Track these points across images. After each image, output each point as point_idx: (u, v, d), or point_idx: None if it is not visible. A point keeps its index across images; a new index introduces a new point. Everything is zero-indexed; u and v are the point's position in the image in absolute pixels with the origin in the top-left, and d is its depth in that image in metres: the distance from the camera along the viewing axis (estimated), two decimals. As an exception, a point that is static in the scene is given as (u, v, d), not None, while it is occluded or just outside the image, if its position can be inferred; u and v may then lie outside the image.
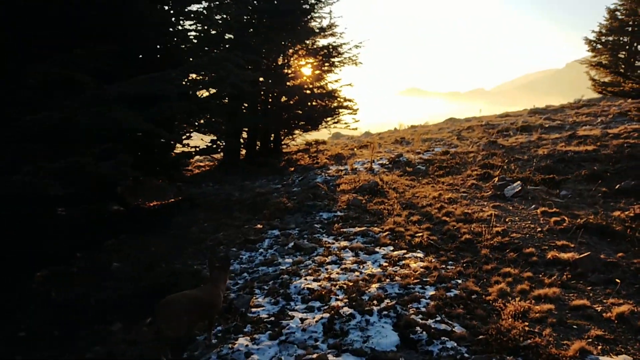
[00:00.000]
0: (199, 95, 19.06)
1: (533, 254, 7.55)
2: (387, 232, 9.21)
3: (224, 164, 20.04)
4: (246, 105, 20.76)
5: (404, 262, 7.71)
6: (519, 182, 11.16)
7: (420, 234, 8.84)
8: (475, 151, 16.34)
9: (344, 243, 8.89)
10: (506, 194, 10.69)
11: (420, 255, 8.00)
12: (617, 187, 10.79)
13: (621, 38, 25.45)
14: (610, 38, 25.86)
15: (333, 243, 8.98)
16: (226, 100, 19.76)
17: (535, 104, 30.54)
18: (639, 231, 8.14)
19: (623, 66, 25.85)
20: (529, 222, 9.07)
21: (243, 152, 21.57)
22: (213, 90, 20.04)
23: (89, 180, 7.89)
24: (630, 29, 25.09)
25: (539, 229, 8.64)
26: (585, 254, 7.19)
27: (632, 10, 24.84)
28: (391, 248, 8.47)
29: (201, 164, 21.80)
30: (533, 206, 9.97)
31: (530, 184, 11.61)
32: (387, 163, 16.35)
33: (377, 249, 8.44)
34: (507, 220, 9.21)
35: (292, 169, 18.29)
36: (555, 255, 7.38)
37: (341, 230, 9.71)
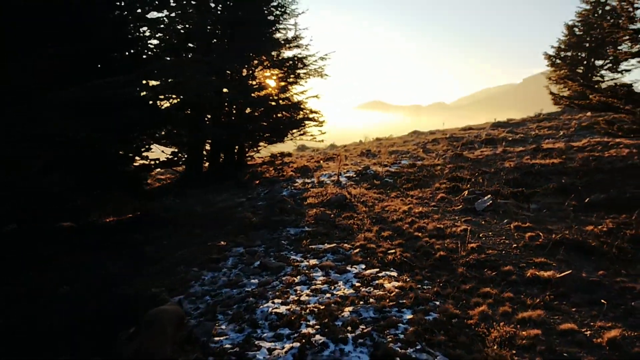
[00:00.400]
0: (160, 106, 18.37)
1: (512, 272, 7.12)
2: (358, 249, 8.67)
3: (186, 177, 19.24)
4: (209, 116, 20.08)
5: (377, 281, 7.18)
6: (489, 195, 10.83)
7: (392, 251, 8.33)
8: (441, 164, 16.05)
9: (313, 261, 8.30)
10: (477, 208, 10.33)
11: (394, 274, 7.47)
12: (586, 200, 10.54)
13: (579, 53, 25.79)
14: (569, 53, 26.18)
15: (302, 261, 8.38)
16: (188, 111, 19.06)
17: (495, 117, 30.76)
18: (615, 247, 7.82)
19: (581, 81, 26.13)
20: (504, 237, 8.69)
21: (206, 164, 20.83)
22: (175, 101, 19.39)
23: (34, 195, 7.12)
24: (587, 44, 25.42)
25: (515, 245, 8.25)
26: (567, 272, 6.82)
27: (589, 25, 25.21)
28: (363, 266, 7.92)
29: (162, 177, 20.93)
30: (505, 220, 9.61)
31: (500, 197, 11.29)
32: (354, 176, 15.90)
33: (348, 267, 7.87)
34: (481, 235, 8.80)
35: (257, 182, 17.65)
36: (534, 274, 6.97)
37: (310, 247, 9.13)
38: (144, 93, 15.57)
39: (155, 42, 17.84)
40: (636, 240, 8.07)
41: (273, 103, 19.38)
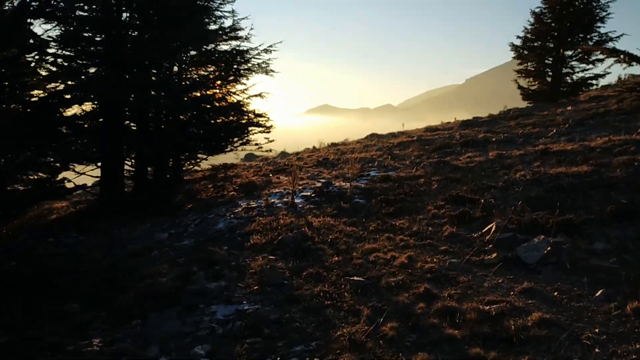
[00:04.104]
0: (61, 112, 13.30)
1: None
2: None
3: (101, 201, 14.16)
4: (132, 124, 15.07)
5: None
6: (541, 237, 6.27)
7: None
8: (423, 175, 11.63)
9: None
10: (525, 259, 5.85)
11: None
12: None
13: (548, 43, 22.03)
14: (537, 43, 22.38)
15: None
16: (98, 120, 14.01)
17: (442, 118, 26.81)
18: None
19: (550, 73, 22.44)
20: (623, 330, 4.24)
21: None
22: (87, 107, 14.30)
23: None
24: (556, 33, 21.68)
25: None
26: None
27: (557, 13, 21.46)
28: None
29: (80, 199, 15.57)
30: (597, 289, 5.07)
31: (541, 231, 6.89)
32: (313, 195, 11.30)
33: None
34: (580, 335, 4.28)
35: (190, 205, 12.81)
36: None
37: (249, 362, 4.48)
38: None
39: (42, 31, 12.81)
40: None
41: (208, 105, 14.49)
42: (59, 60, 13.29)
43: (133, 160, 15.44)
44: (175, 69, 16.60)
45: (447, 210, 8.42)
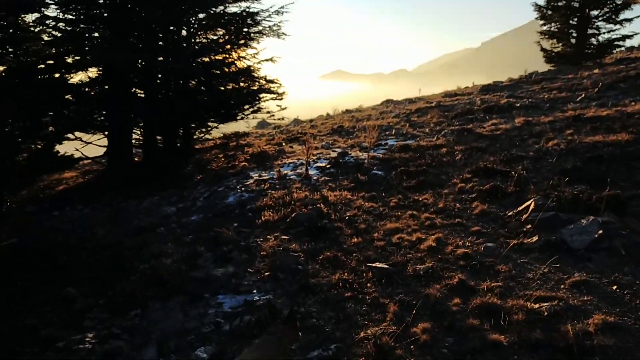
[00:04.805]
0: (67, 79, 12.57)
1: None
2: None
3: (108, 172, 13.52)
4: (141, 92, 14.28)
5: None
6: (590, 217, 5.41)
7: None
8: (445, 144, 10.79)
9: None
10: (571, 244, 5.06)
11: None
12: None
13: (573, 3, 20.58)
14: (561, 3, 20.93)
15: None
16: (105, 87, 13.25)
17: (458, 83, 25.57)
18: None
19: (575, 34, 21.09)
20: None
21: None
22: (92, 74, 13.53)
23: None
24: (583, -9, 20.23)
25: None
26: None
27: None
28: None
29: (71, 175, 14.90)
30: None
31: (580, 207, 6.09)
32: (329, 166, 10.55)
33: None
34: None
35: (200, 176, 12.13)
36: None
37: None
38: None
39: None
40: None
41: (217, 71, 13.61)
42: (61, 24, 12.47)
43: (142, 130, 14.74)
44: (184, 33, 15.69)
45: (475, 184, 7.61)
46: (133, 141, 14.65)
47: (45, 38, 12.40)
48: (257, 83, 14.56)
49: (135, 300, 5.35)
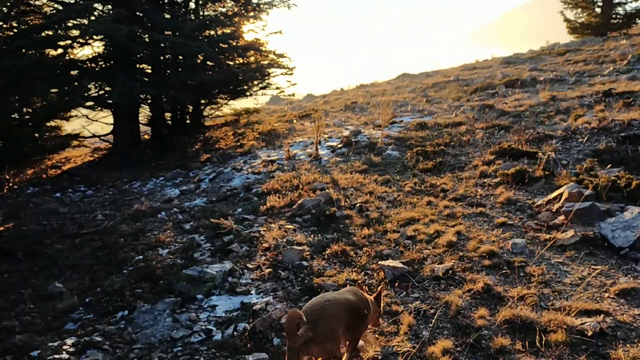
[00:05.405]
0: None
1: None
2: None
3: (115, 151, 12.99)
4: (148, 68, 13.63)
5: None
6: (635, 209, 4.60)
7: None
8: (465, 121, 10.02)
9: None
10: (613, 241, 4.34)
11: None
12: None
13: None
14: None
15: None
16: (110, 63, 12.61)
17: (477, 57, 24.40)
18: None
19: (600, 3, 19.82)
20: None
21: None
22: (99, 49, 12.91)
23: None
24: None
25: None
26: None
27: None
28: None
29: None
30: None
31: (618, 194, 5.35)
32: (340, 145, 9.89)
33: None
34: None
35: (207, 156, 11.54)
36: None
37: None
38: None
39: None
40: None
41: (225, 45, 12.86)
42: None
43: (150, 107, 14.15)
44: (192, 5, 14.93)
45: (498, 167, 6.88)
46: (141, 119, 14.10)
47: (48, 11, 11.81)
48: (266, 58, 13.83)
49: (123, 299, 4.81)
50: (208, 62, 13.07)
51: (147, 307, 4.55)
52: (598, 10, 19.99)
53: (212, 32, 13.07)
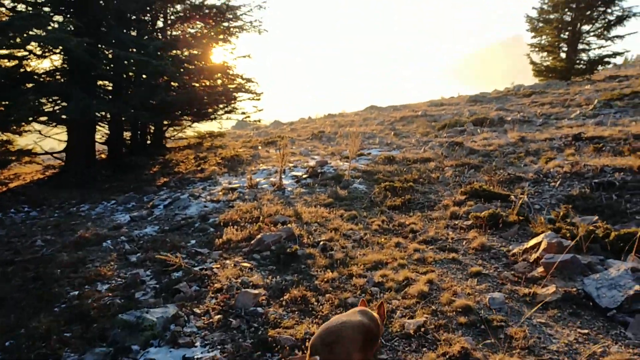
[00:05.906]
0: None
1: None
2: None
3: (66, 171, 12.10)
4: (109, 85, 12.90)
5: None
6: (620, 265, 4.25)
7: None
8: (433, 158, 9.71)
9: None
10: (599, 302, 3.87)
11: None
12: None
13: (565, 16, 19.74)
14: (553, 16, 20.09)
15: None
16: (63, 78, 11.84)
17: (442, 94, 24.60)
18: None
19: (565, 48, 20.29)
20: None
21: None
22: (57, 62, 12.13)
23: None
24: (574, 5, 19.37)
25: None
26: None
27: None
28: None
29: (30, 170, 13.34)
30: None
31: (597, 245, 5.02)
32: (305, 176, 9.40)
33: None
34: None
35: (165, 179, 10.86)
36: None
37: None
38: None
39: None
40: None
41: (190, 66, 12.30)
42: (20, 6, 11.11)
43: (108, 125, 13.36)
44: (160, 24, 14.38)
45: (470, 208, 6.50)
46: (98, 137, 13.30)
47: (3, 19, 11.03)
48: (234, 82, 13.33)
49: (48, 346, 4.11)
50: (172, 83, 12.44)
51: (74, 359, 3.87)
52: (563, 55, 20.45)
53: (178, 52, 12.51)
